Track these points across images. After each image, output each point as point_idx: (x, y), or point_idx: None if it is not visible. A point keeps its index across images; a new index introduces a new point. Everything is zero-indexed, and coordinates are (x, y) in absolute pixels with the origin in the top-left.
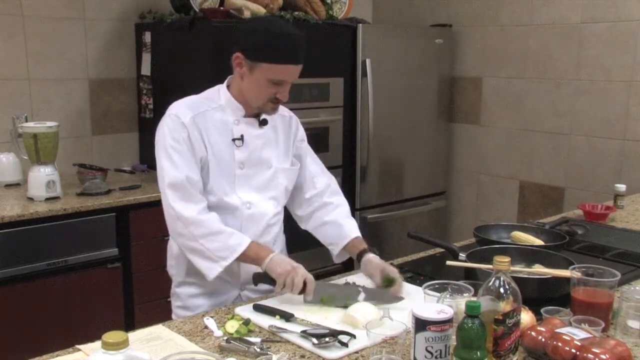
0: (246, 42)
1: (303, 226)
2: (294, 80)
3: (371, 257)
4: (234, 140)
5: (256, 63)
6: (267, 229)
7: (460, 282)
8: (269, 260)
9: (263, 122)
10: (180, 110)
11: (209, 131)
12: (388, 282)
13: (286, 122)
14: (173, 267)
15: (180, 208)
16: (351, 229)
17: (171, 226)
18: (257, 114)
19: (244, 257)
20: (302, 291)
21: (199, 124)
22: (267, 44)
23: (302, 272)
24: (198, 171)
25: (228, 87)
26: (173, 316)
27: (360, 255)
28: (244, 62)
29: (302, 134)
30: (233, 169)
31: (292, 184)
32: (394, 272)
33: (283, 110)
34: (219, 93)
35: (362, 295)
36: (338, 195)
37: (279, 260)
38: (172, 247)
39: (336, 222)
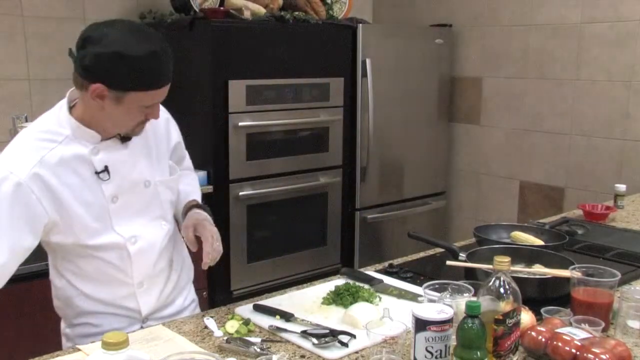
0: (106, 73)
1: None
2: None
3: (193, 212)
4: (97, 173)
5: (124, 93)
6: (161, 255)
7: (460, 282)
8: None
9: (125, 139)
10: (15, 163)
11: (59, 177)
12: None
13: (158, 126)
14: (61, 309)
15: None
16: (189, 193)
17: None
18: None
19: None
20: None
21: (42, 176)
22: (133, 72)
23: None
24: (10, 242)
25: (70, 110)
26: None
27: (188, 210)
28: (107, 94)
29: (176, 135)
30: (105, 206)
31: (175, 194)
32: (205, 235)
33: None
34: (60, 122)
35: None
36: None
37: None
38: (57, 286)
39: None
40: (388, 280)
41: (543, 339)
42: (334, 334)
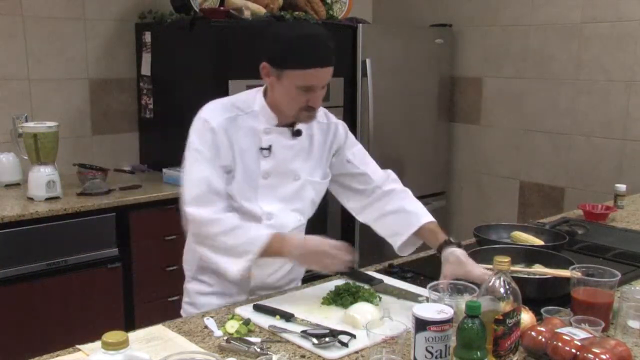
0: (270, 50)
1: (361, 219)
2: (324, 84)
3: (455, 254)
4: (261, 149)
5: (282, 71)
6: None
7: (465, 282)
8: (296, 256)
9: (297, 133)
10: (211, 113)
11: (237, 137)
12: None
13: (323, 130)
14: (187, 262)
15: (194, 210)
16: (421, 215)
17: (188, 228)
18: (291, 123)
19: (267, 251)
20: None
21: (228, 130)
22: (290, 50)
23: (335, 254)
24: (219, 176)
25: (265, 92)
26: (182, 312)
27: (442, 247)
28: (271, 71)
29: (339, 142)
30: (257, 178)
31: (319, 197)
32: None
33: (323, 116)
34: (255, 98)
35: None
36: (399, 183)
37: (308, 255)
38: (189, 241)
39: (402, 209)
40: (388, 280)
41: (543, 339)
42: (334, 334)
